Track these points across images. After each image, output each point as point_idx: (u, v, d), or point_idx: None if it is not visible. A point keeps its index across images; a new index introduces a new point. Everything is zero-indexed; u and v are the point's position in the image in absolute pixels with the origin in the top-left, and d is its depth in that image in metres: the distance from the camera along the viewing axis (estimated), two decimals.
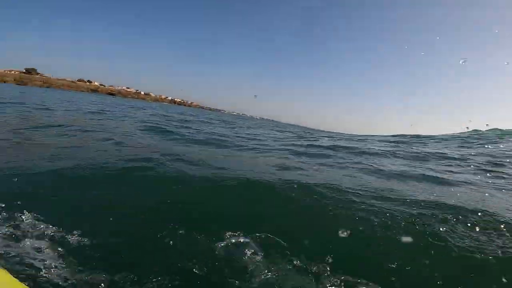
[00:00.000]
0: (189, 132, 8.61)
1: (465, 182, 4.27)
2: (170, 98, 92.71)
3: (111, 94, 72.14)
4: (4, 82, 53.00)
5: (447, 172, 4.95)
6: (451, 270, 2.05)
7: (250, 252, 2.03)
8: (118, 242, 2.12)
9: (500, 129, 13.29)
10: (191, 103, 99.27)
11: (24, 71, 66.42)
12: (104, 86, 78.53)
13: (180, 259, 1.94)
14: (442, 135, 12.92)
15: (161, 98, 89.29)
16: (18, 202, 2.36)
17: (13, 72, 63.69)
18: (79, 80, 77.09)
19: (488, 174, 4.89)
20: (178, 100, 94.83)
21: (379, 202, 3.07)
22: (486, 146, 8.79)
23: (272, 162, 5.18)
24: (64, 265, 1.73)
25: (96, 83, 77.86)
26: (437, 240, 2.32)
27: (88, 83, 76.64)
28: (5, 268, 1.22)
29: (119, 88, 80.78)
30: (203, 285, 1.77)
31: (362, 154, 6.76)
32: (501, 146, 8.75)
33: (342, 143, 9.03)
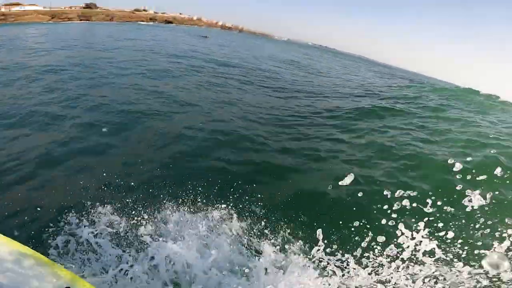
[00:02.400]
0: None
1: None
2: (221, 23, 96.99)
3: (169, 22, 77.38)
4: (69, 19, 52.81)
5: None
6: None
7: None
8: None
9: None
10: (242, 28, 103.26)
11: (84, 6, 66.35)
12: (157, 13, 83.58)
13: None
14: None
15: (213, 24, 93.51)
16: None
17: (73, 8, 62.26)
18: (136, 10, 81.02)
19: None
20: (229, 25, 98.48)
21: None
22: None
23: None
24: None
25: (151, 11, 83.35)
26: None
27: (144, 12, 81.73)
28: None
29: (173, 14, 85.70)
30: None
31: None
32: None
33: None
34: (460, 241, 2.45)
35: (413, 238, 2.29)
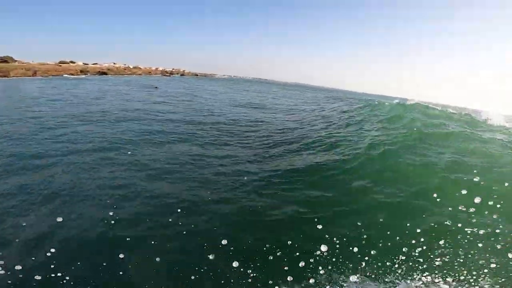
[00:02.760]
0: None
1: None
2: (161, 68, 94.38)
3: (103, 73, 68.61)
4: None
5: None
6: None
7: None
8: None
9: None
10: (184, 71, 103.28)
11: None
12: (88, 64, 76.13)
13: None
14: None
15: (153, 70, 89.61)
16: None
17: None
18: (61, 62, 72.82)
19: None
20: (170, 69, 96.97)
21: None
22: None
23: None
24: None
25: (80, 63, 75.19)
26: None
27: (72, 64, 73.11)
28: None
29: (107, 65, 79.01)
30: None
31: None
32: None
33: None
34: None
35: None
